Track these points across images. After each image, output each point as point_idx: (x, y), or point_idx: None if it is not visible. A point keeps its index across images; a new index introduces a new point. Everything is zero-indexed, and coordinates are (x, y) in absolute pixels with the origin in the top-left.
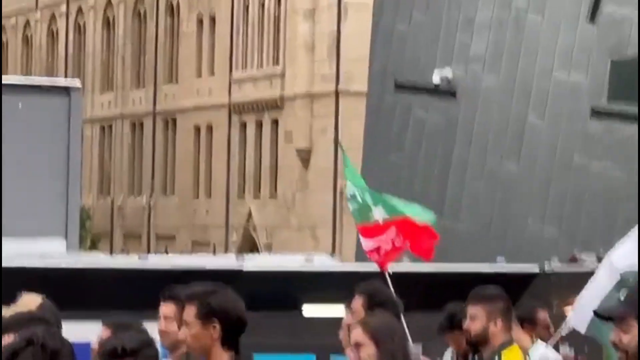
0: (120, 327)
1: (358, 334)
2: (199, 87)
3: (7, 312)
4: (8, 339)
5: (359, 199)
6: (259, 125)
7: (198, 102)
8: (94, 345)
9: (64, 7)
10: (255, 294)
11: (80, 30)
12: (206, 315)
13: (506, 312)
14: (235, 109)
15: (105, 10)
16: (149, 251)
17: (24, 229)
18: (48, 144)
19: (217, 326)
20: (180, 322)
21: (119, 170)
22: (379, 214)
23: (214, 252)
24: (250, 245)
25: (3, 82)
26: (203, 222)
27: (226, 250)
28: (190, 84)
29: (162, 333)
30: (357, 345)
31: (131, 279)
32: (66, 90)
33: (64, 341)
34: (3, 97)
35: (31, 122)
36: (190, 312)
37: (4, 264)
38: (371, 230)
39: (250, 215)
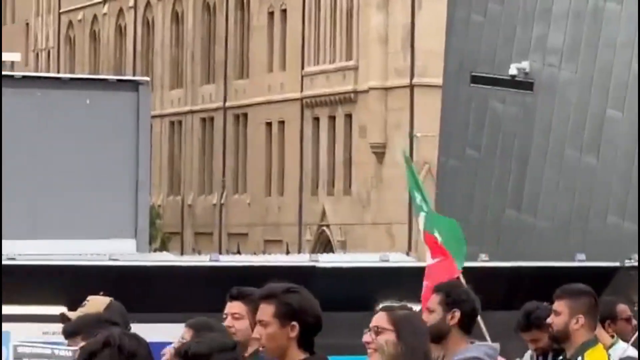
0: (203, 328)
1: (381, 319)
2: (270, 81)
3: (75, 315)
4: (77, 341)
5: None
6: (332, 119)
7: (269, 97)
8: (176, 345)
9: (131, 1)
10: (329, 293)
11: (148, 25)
12: (285, 315)
13: (590, 310)
14: (308, 104)
15: (174, 4)
16: (220, 250)
17: (94, 229)
18: (117, 141)
19: (296, 326)
20: (251, 321)
21: (189, 167)
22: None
23: (287, 250)
24: (324, 244)
25: (71, 77)
26: (275, 220)
27: (299, 248)
28: (261, 78)
29: (229, 331)
30: (378, 330)
31: (202, 278)
32: (134, 86)
33: (140, 341)
34: (71, 92)
35: (99, 118)
36: (267, 310)
37: (73, 264)
38: (433, 244)
39: (324, 212)
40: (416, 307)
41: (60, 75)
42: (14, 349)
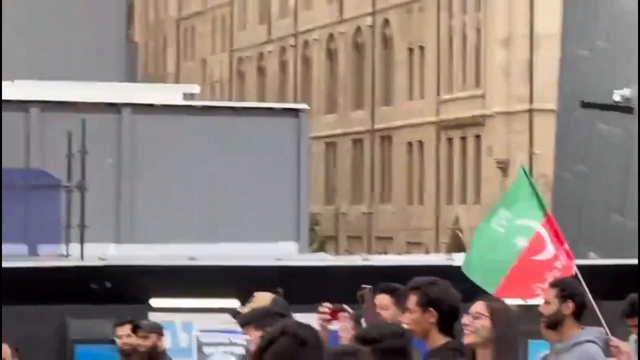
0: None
1: (480, 307)
2: (411, 107)
3: (245, 309)
4: (250, 330)
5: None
6: (463, 140)
7: (410, 121)
8: (341, 332)
9: (292, 41)
10: (463, 287)
11: (307, 60)
12: (425, 303)
13: None
14: (443, 127)
15: (328, 43)
16: (369, 252)
17: (263, 234)
18: (281, 159)
19: (434, 313)
20: (395, 311)
21: (342, 181)
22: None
23: (426, 251)
24: (457, 245)
25: (243, 105)
26: (416, 225)
27: (437, 250)
28: (403, 105)
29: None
30: (476, 316)
31: (354, 275)
32: (296, 113)
33: (312, 330)
34: (242, 118)
35: (266, 140)
36: (412, 300)
37: (245, 264)
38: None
39: (457, 218)
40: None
41: (233, 104)
42: (196, 338)
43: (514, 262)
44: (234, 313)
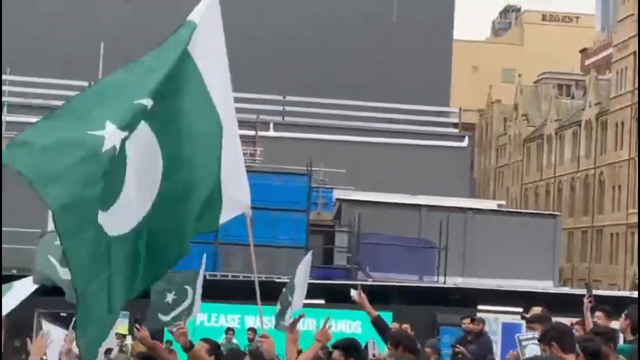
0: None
1: (623, 321)
2: (613, 216)
3: (527, 315)
4: (535, 327)
5: None
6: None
7: (612, 222)
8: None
9: (552, 180)
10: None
11: (560, 189)
12: (627, 316)
13: None
14: (629, 226)
15: (571, 182)
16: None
17: (536, 275)
18: (546, 239)
19: (629, 322)
20: (605, 320)
21: (575, 250)
22: None
23: (619, 289)
24: (634, 286)
25: (527, 212)
26: (614, 274)
27: (625, 289)
28: (609, 215)
29: None
30: (628, 316)
31: (581, 298)
32: (554, 216)
33: (567, 327)
34: (525, 218)
35: (539, 229)
36: (623, 316)
37: (525, 290)
38: None
39: (635, 272)
40: None
41: (522, 210)
42: (517, 336)
43: None
44: (521, 316)
